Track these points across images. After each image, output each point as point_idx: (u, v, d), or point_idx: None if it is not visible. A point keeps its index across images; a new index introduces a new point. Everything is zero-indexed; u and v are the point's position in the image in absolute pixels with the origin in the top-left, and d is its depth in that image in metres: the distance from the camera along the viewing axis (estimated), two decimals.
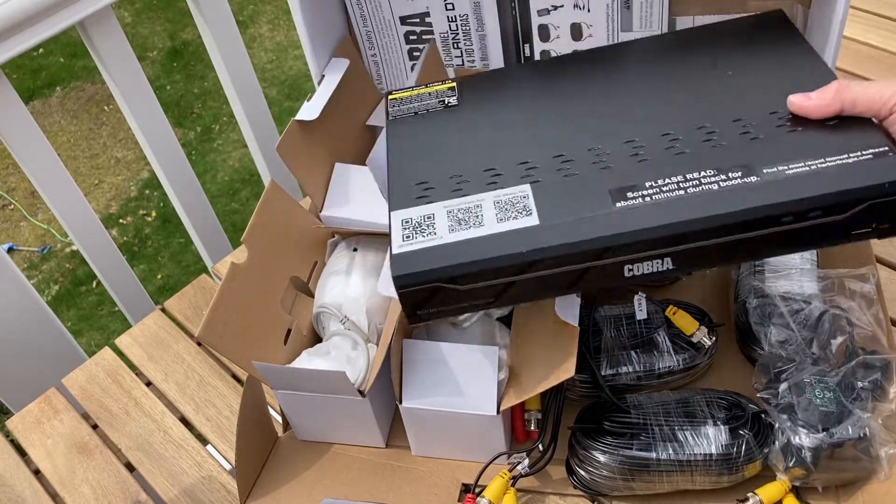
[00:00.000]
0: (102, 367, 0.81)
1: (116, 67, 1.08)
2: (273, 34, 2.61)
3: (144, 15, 2.74)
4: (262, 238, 0.67)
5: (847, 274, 0.65)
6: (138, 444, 0.74)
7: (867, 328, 0.62)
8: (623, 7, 0.75)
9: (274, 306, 0.67)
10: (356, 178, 0.77)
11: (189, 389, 0.78)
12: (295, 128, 0.72)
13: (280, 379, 0.63)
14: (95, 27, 1.03)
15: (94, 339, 1.82)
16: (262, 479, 0.66)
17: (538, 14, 0.77)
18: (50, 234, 2.08)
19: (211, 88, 2.43)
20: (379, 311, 0.68)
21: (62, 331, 1.13)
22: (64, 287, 1.95)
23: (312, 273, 0.73)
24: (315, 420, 0.66)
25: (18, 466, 0.74)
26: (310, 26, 0.75)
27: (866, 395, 0.58)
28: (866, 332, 0.62)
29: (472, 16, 0.79)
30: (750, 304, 0.66)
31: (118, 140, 2.31)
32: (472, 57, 0.83)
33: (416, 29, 0.81)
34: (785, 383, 0.59)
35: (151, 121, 1.15)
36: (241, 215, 2.04)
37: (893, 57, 1.01)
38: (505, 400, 0.60)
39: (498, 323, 0.67)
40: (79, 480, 0.72)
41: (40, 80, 2.53)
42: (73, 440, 0.75)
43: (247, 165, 2.18)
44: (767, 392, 0.60)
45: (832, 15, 0.66)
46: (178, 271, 1.96)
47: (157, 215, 2.10)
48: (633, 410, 0.61)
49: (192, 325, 0.84)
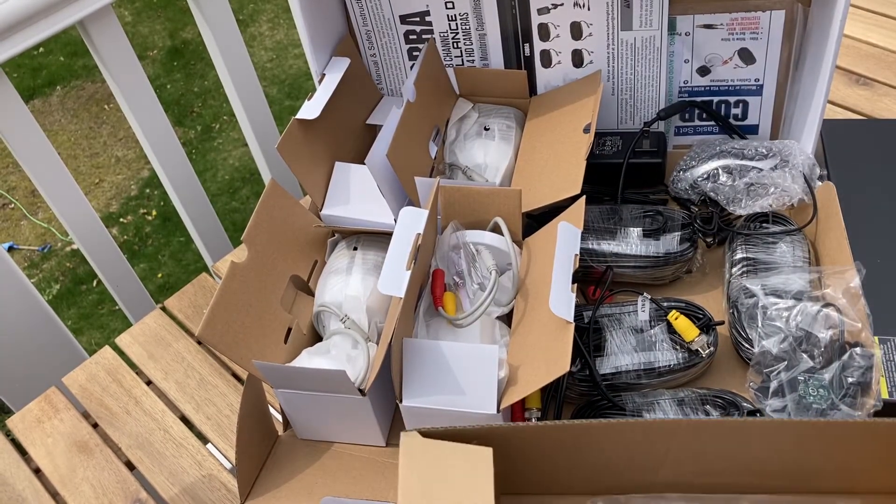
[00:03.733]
0: (102, 366, 0.81)
1: (116, 66, 1.08)
2: (273, 33, 2.61)
3: (144, 14, 2.73)
4: (263, 237, 0.67)
5: (833, 270, 0.65)
6: (138, 442, 0.74)
7: (855, 323, 0.62)
8: (623, 6, 0.75)
9: (274, 305, 0.68)
10: (356, 176, 0.77)
11: (189, 388, 0.78)
12: (295, 127, 0.72)
13: (280, 378, 0.63)
14: (95, 26, 1.03)
15: (94, 338, 1.82)
16: (262, 477, 0.66)
17: (538, 13, 0.77)
18: (50, 232, 2.08)
19: (211, 87, 2.43)
20: (379, 309, 0.68)
21: (62, 330, 1.13)
22: (64, 286, 1.95)
23: (312, 272, 0.73)
24: (315, 419, 0.66)
25: (19, 465, 0.74)
26: (310, 25, 0.75)
27: (855, 391, 0.58)
28: (855, 328, 0.62)
29: (471, 15, 0.79)
30: (741, 304, 0.66)
31: (118, 139, 2.31)
32: (471, 56, 0.83)
33: (416, 28, 0.81)
34: (777, 381, 0.60)
35: (152, 120, 1.15)
36: (241, 214, 2.04)
37: (894, 55, 1.01)
38: (505, 398, 0.60)
39: (498, 322, 0.67)
40: (79, 479, 0.72)
41: (40, 78, 2.53)
42: (73, 439, 0.75)
43: (247, 164, 2.18)
44: (761, 390, 0.61)
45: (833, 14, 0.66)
46: (179, 270, 1.96)
47: (158, 214, 2.10)
48: (629, 407, 0.61)
49: (193, 324, 0.84)
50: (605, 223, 0.73)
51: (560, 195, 0.70)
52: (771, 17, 0.74)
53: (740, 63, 0.77)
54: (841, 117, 0.94)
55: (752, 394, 0.62)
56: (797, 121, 0.78)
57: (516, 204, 0.69)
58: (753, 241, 0.71)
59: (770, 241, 0.70)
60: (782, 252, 0.69)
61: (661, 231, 0.72)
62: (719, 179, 0.74)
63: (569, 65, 0.81)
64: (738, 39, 0.76)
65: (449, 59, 0.83)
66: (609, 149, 0.79)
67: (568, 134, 0.76)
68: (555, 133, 0.78)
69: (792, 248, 0.69)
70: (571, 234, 0.63)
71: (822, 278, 0.66)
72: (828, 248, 0.69)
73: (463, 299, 0.67)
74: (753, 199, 0.73)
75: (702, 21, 0.75)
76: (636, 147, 0.78)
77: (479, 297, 0.65)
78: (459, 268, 0.68)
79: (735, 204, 0.73)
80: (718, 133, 0.83)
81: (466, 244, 0.68)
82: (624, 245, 0.72)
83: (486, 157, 0.79)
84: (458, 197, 0.70)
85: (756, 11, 0.74)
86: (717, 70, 0.78)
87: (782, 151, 0.74)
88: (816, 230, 0.72)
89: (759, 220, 0.73)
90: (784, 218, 0.72)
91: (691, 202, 0.77)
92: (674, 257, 0.71)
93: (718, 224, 0.74)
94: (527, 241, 0.70)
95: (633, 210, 0.74)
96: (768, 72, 0.77)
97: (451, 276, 0.68)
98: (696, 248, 0.72)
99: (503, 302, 0.67)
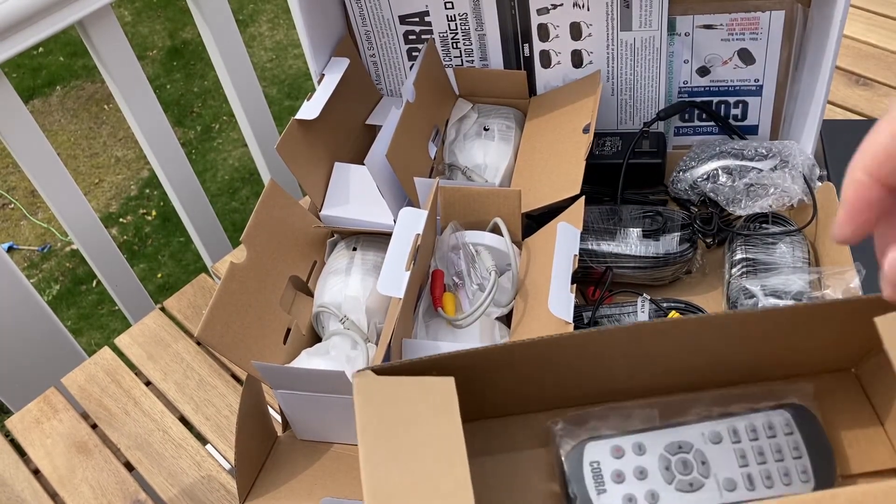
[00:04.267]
0: (102, 367, 0.81)
1: (116, 67, 1.08)
2: (273, 33, 2.61)
3: (144, 14, 2.73)
4: (262, 237, 0.67)
5: (833, 271, 0.65)
6: (137, 443, 0.74)
7: None
8: (622, 6, 0.75)
9: (273, 306, 0.67)
10: (356, 177, 0.77)
11: (188, 389, 0.78)
12: (295, 127, 0.72)
13: (279, 378, 0.62)
14: (95, 26, 1.03)
15: (94, 339, 1.82)
16: (261, 478, 0.66)
17: (537, 13, 0.77)
18: (50, 233, 2.07)
19: (211, 87, 2.43)
20: (378, 310, 0.68)
21: (62, 330, 1.13)
22: (64, 286, 1.95)
23: (312, 272, 0.73)
24: (315, 420, 0.66)
25: (18, 466, 0.74)
26: (309, 25, 0.75)
27: None
28: None
29: (471, 15, 0.79)
30: (741, 305, 0.66)
31: (118, 139, 2.31)
32: (471, 57, 0.83)
33: (416, 28, 0.81)
34: None
35: (151, 120, 1.15)
36: (240, 214, 2.04)
37: (894, 56, 1.01)
38: None
39: (497, 322, 0.67)
40: (78, 480, 0.72)
41: (40, 79, 2.53)
42: (72, 440, 0.75)
43: (246, 164, 2.18)
44: None
45: (833, 14, 0.66)
46: (178, 270, 1.96)
47: (157, 214, 2.10)
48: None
49: (192, 325, 0.84)
50: (605, 224, 0.73)
51: (559, 195, 0.70)
52: (770, 17, 0.74)
53: (740, 63, 0.77)
54: (841, 118, 0.94)
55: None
56: (797, 121, 0.78)
57: (516, 204, 0.69)
58: (753, 241, 0.71)
59: (770, 241, 0.70)
60: (782, 253, 0.69)
61: (660, 232, 0.72)
62: (719, 180, 0.74)
63: (568, 65, 0.81)
64: (738, 40, 0.76)
65: (448, 59, 0.83)
66: (609, 149, 0.79)
67: (567, 134, 0.76)
68: (554, 133, 0.78)
69: (792, 249, 0.69)
70: (571, 235, 0.63)
71: (822, 279, 0.66)
72: (828, 248, 0.69)
73: (462, 300, 0.67)
74: (753, 200, 0.73)
75: (701, 21, 0.75)
76: (636, 147, 0.78)
77: (478, 298, 0.65)
78: (459, 268, 0.68)
79: (735, 204, 0.73)
80: (718, 133, 0.83)
81: (466, 245, 0.68)
82: (623, 245, 0.72)
83: (486, 157, 0.79)
84: (458, 197, 0.70)
85: (756, 12, 0.73)
86: (716, 70, 0.78)
87: (782, 152, 0.74)
88: (816, 231, 0.72)
89: (759, 220, 0.72)
90: (784, 218, 0.72)
91: (691, 203, 0.77)
92: (673, 258, 0.71)
93: (718, 224, 0.74)
94: (526, 241, 0.70)
95: (632, 210, 0.74)
96: (768, 72, 0.77)
97: (450, 277, 0.68)
98: (695, 248, 0.72)
99: (503, 302, 0.67)
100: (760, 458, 0.46)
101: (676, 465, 0.46)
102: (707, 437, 0.47)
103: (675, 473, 0.46)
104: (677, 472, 0.46)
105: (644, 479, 0.46)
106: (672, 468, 0.46)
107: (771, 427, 0.48)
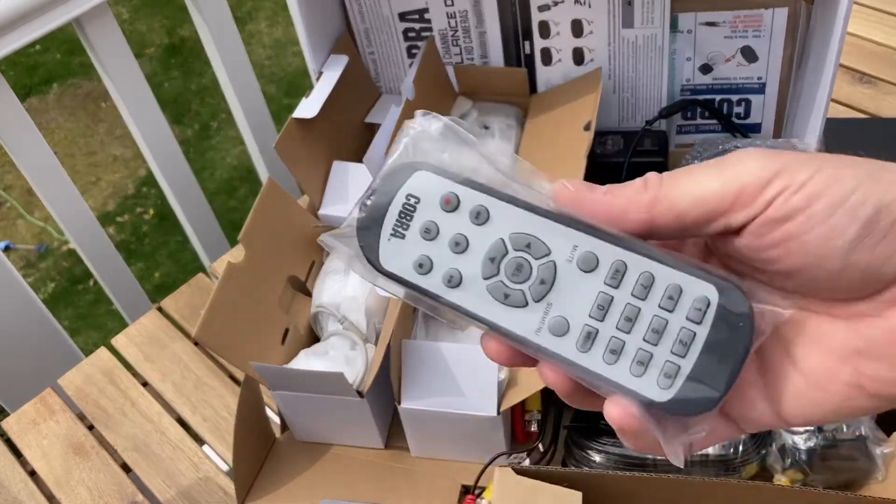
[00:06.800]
0: (98, 368, 0.80)
1: (113, 64, 1.07)
2: (271, 31, 2.60)
3: (142, 11, 2.72)
4: (260, 237, 0.67)
5: None
6: (135, 444, 0.74)
7: None
8: (624, 3, 0.74)
9: (271, 306, 0.67)
10: (354, 176, 0.76)
11: (186, 390, 0.78)
12: (293, 126, 0.72)
13: (278, 379, 0.62)
14: (92, 24, 1.02)
15: (91, 338, 1.82)
16: (259, 480, 0.66)
17: (538, 10, 0.77)
18: (47, 232, 2.07)
19: (209, 85, 2.42)
20: (377, 310, 0.67)
21: (59, 330, 1.12)
22: (61, 285, 1.94)
23: (310, 272, 0.73)
24: (313, 421, 0.66)
25: (14, 467, 0.74)
26: (308, 23, 0.75)
27: None
28: None
29: (471, 12, 0.78)
30: None
31: (116, 137, 2.30)
32: (471, 55, 0.82)
33: (415, 26, 0.81)
34: None
35: (148, 118, 1.15)
36: (238, 213, 2.03)
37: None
38: (505, 400, 0.60)
39: None
40: (75, 481, 0.72)
41: (37, 76, 2.52)
42: (69, 441, 0.75)
43: (245, 163, 2.17)
44: None
45: (836, 11, 0.65)
46: (176, 269, 1.95)
47: (155, 213, 2.09)
48: None
49: (189, 325, 0.84)
50: None
51: None
52: (774, 14, 0.73)
53: (743, 61, 0.77)
54: (844, 116, 0.94)
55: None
56: (800, 119, 0.77)
57: None
58: None
59: None
60: None
61: None
62: None
63: (569, 63, 0.80)
64: (741, 37, 0.75)
65: (448, 56, 0.83)
66: (610, 148, 0.79)
67: (568, 132, 0.75)
68: (555, 132, 0.77)
69: None
70: None
71: None
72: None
73: None
74: None
75: (704, 19, 0.75)
76: (637, 146, 0.78)
77: None
78: None
79: None
80: (721, 132, 0.82)
81: None
82: None
83: None
84: None
85: (759, 9, 0.73)
86: (719, 68, 0.78)
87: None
88: None
89: None
90: None
91: None
92: None
93: None
94: None
95: None
96: (771, 70, 0.77)
97: None
98: None
99: None
100: (625, 325, 0.31)
101: (508, 264, 0.32)
102: (576, 258, 0.31)
103: (500, 270, 0.32)
104: (505, 271, 0.32)
105: (459, 253, 0.32)
106: (501, 263, 0.32)
107: (676, 298, 0.30)
